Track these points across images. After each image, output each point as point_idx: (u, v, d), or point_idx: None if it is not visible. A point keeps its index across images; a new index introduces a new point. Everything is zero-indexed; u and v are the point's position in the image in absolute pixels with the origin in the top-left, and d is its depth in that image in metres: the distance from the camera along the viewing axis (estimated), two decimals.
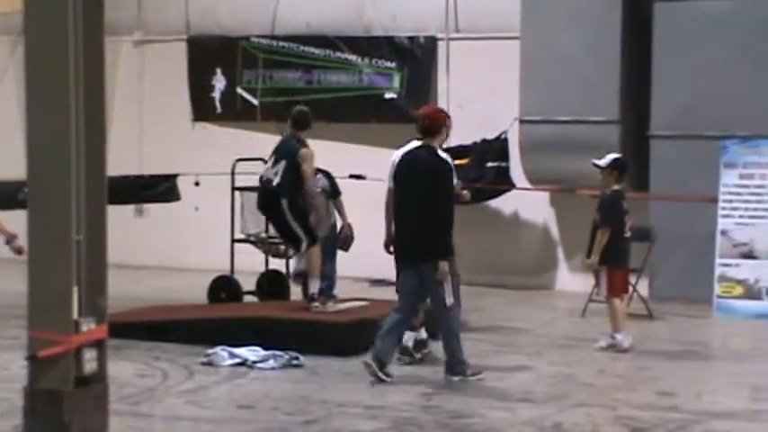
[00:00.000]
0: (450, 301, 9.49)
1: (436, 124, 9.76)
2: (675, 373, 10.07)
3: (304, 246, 11.40)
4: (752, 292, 13.36)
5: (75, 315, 5.92)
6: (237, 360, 10.02)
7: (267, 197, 11.52)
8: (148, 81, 17.40)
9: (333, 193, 12.90)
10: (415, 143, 9.83)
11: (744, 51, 13.75)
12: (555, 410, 8.51)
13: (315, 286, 11.36)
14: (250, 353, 10.05)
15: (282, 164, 11.33)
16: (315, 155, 11.43)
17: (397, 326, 9.63)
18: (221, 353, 10.06)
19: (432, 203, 9.44)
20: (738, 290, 13.42)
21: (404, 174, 9.61)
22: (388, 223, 9.73)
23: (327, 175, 13.18)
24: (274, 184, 11.36)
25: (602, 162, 11.18)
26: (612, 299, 11.00)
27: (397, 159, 9.78)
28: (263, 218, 13.16)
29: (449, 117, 10.08)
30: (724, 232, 13.59)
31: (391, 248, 9.72)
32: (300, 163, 11.28)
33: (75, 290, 5.90)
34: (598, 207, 11.14)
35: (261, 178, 11.61)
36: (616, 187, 11.17)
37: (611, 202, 11.07)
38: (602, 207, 11.09)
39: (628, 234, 11.14)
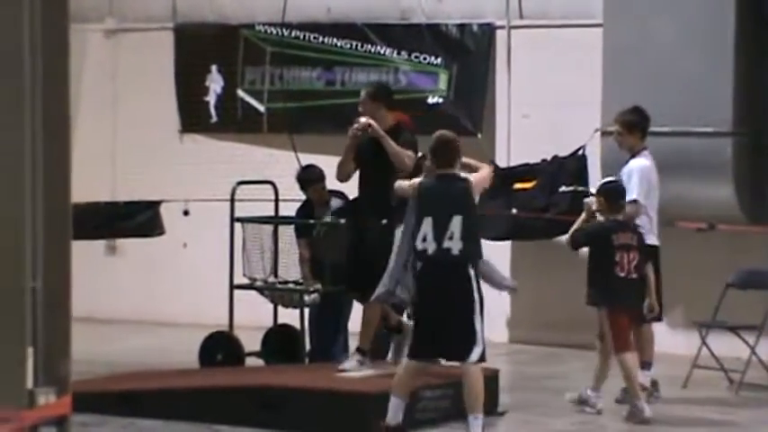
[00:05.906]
0: None
1: None
2: None
3: None
4: None
5: (29, 385, 5.88)
6: None
7: None
8: (123, 81, 17.43)
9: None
10: None
11: None
12: None
13: None
14: None
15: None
16: None
17: None
18: None
19: None
20: None
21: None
22: None
23: (342, 196, 13.22)
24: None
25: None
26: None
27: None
28: (269, 257, 13.12)
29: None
30: None
31: None
32: None
33: (30, 352, 5.86)
34: None
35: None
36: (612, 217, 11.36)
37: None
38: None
39: (621, 275, 11.24)
